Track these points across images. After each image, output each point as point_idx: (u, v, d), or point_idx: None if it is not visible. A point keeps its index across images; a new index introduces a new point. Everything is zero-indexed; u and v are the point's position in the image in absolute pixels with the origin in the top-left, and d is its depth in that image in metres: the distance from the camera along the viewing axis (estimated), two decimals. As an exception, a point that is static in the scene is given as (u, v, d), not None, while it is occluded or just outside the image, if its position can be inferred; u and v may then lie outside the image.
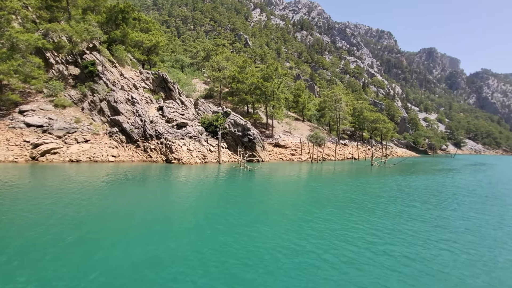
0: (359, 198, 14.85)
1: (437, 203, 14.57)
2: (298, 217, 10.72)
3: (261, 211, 11.32)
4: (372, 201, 14.09)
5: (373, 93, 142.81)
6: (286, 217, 10.62)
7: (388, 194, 16.45)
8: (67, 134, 27.32)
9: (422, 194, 16.90)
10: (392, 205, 13.39)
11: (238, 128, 34.03)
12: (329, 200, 13.98)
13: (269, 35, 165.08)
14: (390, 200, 14.78)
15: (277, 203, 13.02)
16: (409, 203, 14.04)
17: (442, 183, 22.49)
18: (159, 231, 8.44)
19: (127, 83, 33.98)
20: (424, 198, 15.75)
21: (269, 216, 10.60)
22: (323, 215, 10.92)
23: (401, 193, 16.97)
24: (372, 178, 24.40)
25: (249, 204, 12.58)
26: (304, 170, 27.88)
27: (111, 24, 38.37)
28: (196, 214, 10.52)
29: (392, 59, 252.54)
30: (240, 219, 10.01)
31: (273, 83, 39.05)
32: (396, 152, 74.07)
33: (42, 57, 34.52)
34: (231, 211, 10.92)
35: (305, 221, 10.12)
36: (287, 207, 12.24)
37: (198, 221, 9.56)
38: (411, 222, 10.63)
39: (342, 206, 12.78)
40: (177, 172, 21.69)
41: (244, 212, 10.95)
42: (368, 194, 16.29)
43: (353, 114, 65.76)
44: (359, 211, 11.84)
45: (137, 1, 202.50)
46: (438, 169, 36.71)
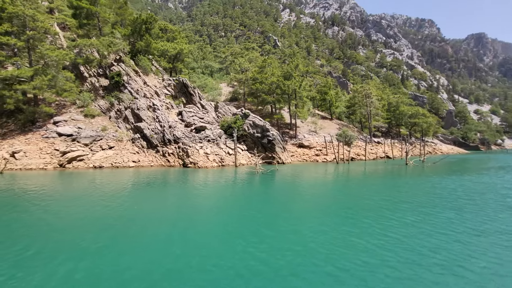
0: (371, 204, 12.94)
1: (476, 211, 12.06)
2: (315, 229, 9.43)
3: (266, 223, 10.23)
4: (391, 208, 12.13)
5: (413, 86, 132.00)
6: (300, 228, 9.40)
7: (413, 199, 14.19)
8: (93, 141, 28.88)
9: (456, 199, 14.30)
10: (416, 215, 11.35)
11: (257, 129, 33.14)
12: (331, 208, 12.35)
13: (298, 34, 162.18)
14: (413, 207, 12.63)
15: (282, 215, 11.79)
16: (435, 210, 11.80)
17: (488, 185, 19.10)
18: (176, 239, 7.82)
19: (149, 91, 35.15)
20: (459, 203, 13.24)
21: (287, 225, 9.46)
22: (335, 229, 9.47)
23: (431, 197, 14.54)
24: (400, 180, 21.75)
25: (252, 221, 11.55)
26: (326, 172, 25.92)
27: (136, 36, 40.20)
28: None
29: (435, 49, 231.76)
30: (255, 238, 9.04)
31: (294, 81, 37.46)
32: (441, 149, 66.92)
33: (77, 71, 37.44)
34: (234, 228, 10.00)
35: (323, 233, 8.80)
36: (293, 219, 10.95)
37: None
38: (428, 236, 8.69)
39: (347, 215, 11.11)
40: (184, 177, 21.43)
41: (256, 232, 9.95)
42: (388, 198, 14.21)
43: (388, 110, 60.86)
44: (369, 220, 10.12)
45: (173, 15, 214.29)
46: (487, 167, 31.83)
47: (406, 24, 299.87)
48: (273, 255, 6.84)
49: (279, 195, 15.39)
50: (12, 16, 26.82)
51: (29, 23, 27.88)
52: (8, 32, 27.06)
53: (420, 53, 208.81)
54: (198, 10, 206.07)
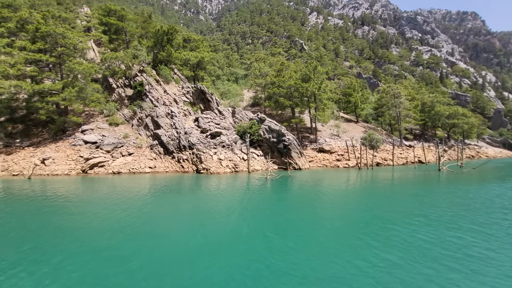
0: (372, 218, 11.53)
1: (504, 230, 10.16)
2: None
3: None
4: (399, 223, 10.69)
5: (454, 85, 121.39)
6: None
7: (432, 212, 12.46)
8: (115, 148, 30.28)
9: (488, 213, 12.28)
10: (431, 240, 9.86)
11: (272, 134, 32.33)
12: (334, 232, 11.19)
13: (326, 36, 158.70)
14: (429, 222, 11.03)
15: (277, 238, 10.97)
16: (454, 226, 10.13)
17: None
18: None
19: (168, 99, 36.23)
20: (488, 220, 11.32)
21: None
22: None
23: (454, 210, 12.65)
24: (425, 189, 19.55)
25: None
26: (343, 179, 24.23)
27: (159, 46, 41.95)
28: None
29: (480, 43, 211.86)
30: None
31: (312, 84, 36.08)
32: (486, 152, 60.03)
33: (107, 83, 40.04)
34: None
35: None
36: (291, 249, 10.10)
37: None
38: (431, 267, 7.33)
39: (343, 233, 9.94)
40: (190, 185, 21.31)
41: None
42: (401, 210, 12.64)
43: (422, 110, 56.21)
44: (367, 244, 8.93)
45: (204, 26, 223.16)
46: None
47: (446, 18, 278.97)
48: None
49: (276, 210, 14.43)
50: (44, 35, 29.37)
51: (59, 40, 30.33)
52: (41, 50, 29.66)
53: (462, 48, 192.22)
54: (226, 20, 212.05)
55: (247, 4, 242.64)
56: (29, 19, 32.21)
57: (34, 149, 29.70)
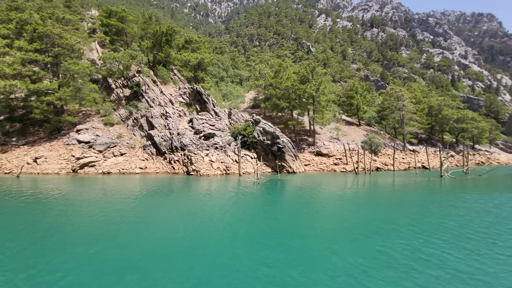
0: (342, 230, 10.66)
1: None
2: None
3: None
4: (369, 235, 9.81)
5: (467, 88, 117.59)
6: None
7: (421, 223, 11.49)
8: (107, 148, 30.17)
9: (480, 228, 11.24)
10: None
11: (267, 136, 31.58)
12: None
13: (333, 39, 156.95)
14: (414, 234, 10.11)
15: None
16: (436, 239, 9.19)
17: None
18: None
19: (164, 99, 36.03)
20: (479, 235, 10.30)
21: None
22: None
23: (445, 221, 11.64)
24: (420, 197, 18.43)
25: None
26: (336, 185, 23.21)
27: (158, 47, 41.95)
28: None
29: (496, 45, 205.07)
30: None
31: (310, 85, 35.15)
32: (498, 158, 57.42)
33: (106, 83, 40.30)
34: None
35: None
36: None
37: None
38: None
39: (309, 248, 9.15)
40: (170, 187, 20.79)
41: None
42: (381, 223, 11.72)
43: (429, 113, 54.30)
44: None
45: (213, 29, 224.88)
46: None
47: (460, 20, 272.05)
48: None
49: (248, 218, 13.65)
50: (41, 35, 29.64)
51: (56, 40, 30.56)
52: (38, 50, 29.93)
53: (476, 50, 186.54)
54: (235, 22, 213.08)
55: (255, 6, 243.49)
56: (28, 20, 32.64)
57: (28, 148, 29.91)
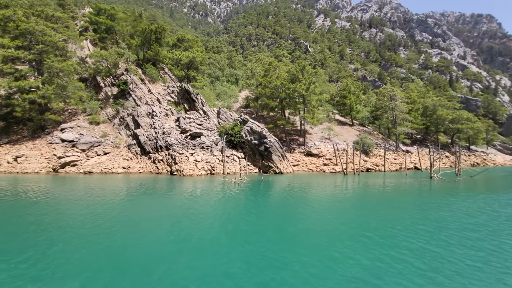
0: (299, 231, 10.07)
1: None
2: None
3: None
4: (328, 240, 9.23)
5: (465, 89, 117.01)
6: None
7: (387, 227, 10.91)
8: (91, 147, 29.59)
9: (454, 231, 10.65)
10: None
11: (254, 136, 30.99)
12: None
13: (332, 39, 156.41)
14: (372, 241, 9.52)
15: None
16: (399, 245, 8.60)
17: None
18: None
19: (151, 98, 35.46)
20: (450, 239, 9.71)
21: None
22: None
23: (413, 236, 11.05)
24: (400, 199, 17.84)
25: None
26: (321, 187, 22.61)
27: (147, 45, 41.38)
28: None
29: (496, 46, 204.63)
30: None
31: (300, 84, 34.56)
32: (494, 160, 56.81)
33: (95, 82, 39.74)
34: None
35: None
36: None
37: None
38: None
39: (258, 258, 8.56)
40: (145, 187, 20.18)
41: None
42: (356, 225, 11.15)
43: (424, 114, 53.71)
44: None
45: (211, 28, 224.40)
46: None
47: (459, 21, 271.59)
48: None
49: (214, 221, 13.08)
50: (24, 32, 29.07)
51: (39, 37, 29.99)
52: (20, 47, 29.37)
53: (475, 51, 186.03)
54: (233, 22, 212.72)
55: (254, 6, 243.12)
56: (12, 17, 32.06)
57: (11, 146, 29.34)
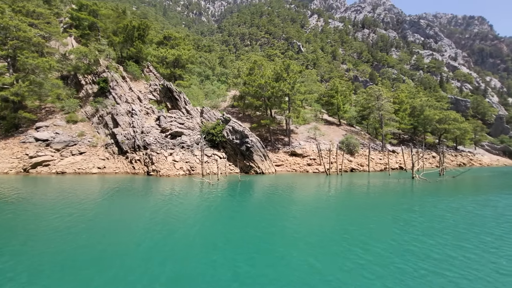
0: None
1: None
2: None
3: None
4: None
5: (455, 89, 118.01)
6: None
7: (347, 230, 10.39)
8: (66, 147, 28.61)
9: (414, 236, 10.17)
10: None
11: (236, 135, 30.36)
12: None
13: (324, 39, 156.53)
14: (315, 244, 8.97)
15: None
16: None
17: (493, 210, 14.08)
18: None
19: (132, 96, 34.57)
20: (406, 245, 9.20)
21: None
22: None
23: (374, 238, 10.54)
24: (374, 202, 17.41)
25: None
26: (299, 188, 22.09)
27: (130, 42, 40.42)
28: None
29: (487, 48, 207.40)
30: None
31: (285, 83, 34.04)
32: (480, 160, 57.09)
33: (76, 79, 38.65)
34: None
35: None
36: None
37: None
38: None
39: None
40: (111, 187, 19.42)
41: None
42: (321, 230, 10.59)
43: (412, 114, 53.70)
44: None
45: (205, 27, 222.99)
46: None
47: (452, 23, 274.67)
48: None
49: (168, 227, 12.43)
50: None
51: (13, 33, 28.91)
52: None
53: (467, 53, 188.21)
54: (227, 21, 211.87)
55: (248, 6, 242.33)
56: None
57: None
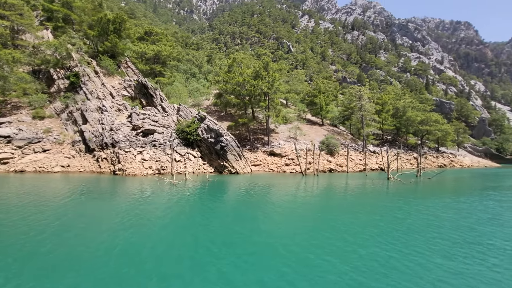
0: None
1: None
2: None
3: None
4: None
5: (440, 92, 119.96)
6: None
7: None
8: (29, 144, 27.05)
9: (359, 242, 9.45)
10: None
11: (211, 134, 29.39)
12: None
13: (314, 40, 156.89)
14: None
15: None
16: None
17: (458, 212, 13.55)
18: None
19: (103, 92, 33.15)
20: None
21: None
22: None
23: (314, 245, 9.78)
24: (336, 203, 16.79)
25: None
26: (263, 190, 21.30)
27: (105, 36, 38.86)
28: None
29: (472, 52, 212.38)
30: None
31: (263, 82, 33.27)
32: (461, 161, 57.71)
33: (48, 74, 36.86)
34: None
35: None
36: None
37: None
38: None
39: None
40: (58, 187, 18.21)
41: None
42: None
43: (395, 115, 53.84)
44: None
45: (196, 26, 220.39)
46: (495, 186, 24.91)
47: (439, 27, 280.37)
48: None
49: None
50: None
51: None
52: None
53: (453, 57, 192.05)
54: (218, 19, 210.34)
55: (240, 5, 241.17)
56: None
57: None
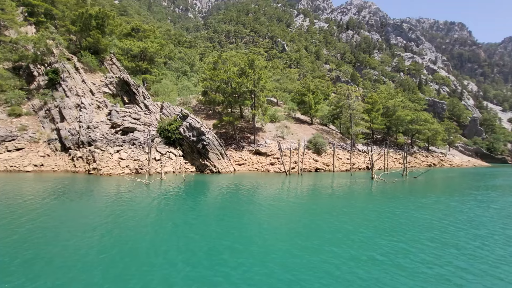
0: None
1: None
2: None
3: None
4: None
5: (433, 91, 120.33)
6: None
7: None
8: (2, 142, 26.02)
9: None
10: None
11: (193, 132, 28.61)
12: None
13: (309, 39, 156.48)
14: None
15: None
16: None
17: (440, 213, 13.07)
18: None
19: (83, 89, 32.15)
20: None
21: None
22: None
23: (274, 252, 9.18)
24: (313, 204, 16.22)
25: None
26: (243, 190, 20.65)
27: (87, 32, 37.79)
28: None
29: (465, 53, 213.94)
30: None
31: (248, 79, 32.57)
32: (451, 161, 57.65)
33: (29, 70, 35.71)
34: None
35: None
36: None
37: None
38: None
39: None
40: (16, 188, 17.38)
41: None
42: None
43: (386, 114, 53.51)
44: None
45: (191, 24, 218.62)
46: (482, 186, 24.57)
47: (433, 28, 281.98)
48: None
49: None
50: None
51: None
52: None
53: (446, 57, 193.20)
54: (213, 18, 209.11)
55: (236, 4, 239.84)
56: None
57: None
